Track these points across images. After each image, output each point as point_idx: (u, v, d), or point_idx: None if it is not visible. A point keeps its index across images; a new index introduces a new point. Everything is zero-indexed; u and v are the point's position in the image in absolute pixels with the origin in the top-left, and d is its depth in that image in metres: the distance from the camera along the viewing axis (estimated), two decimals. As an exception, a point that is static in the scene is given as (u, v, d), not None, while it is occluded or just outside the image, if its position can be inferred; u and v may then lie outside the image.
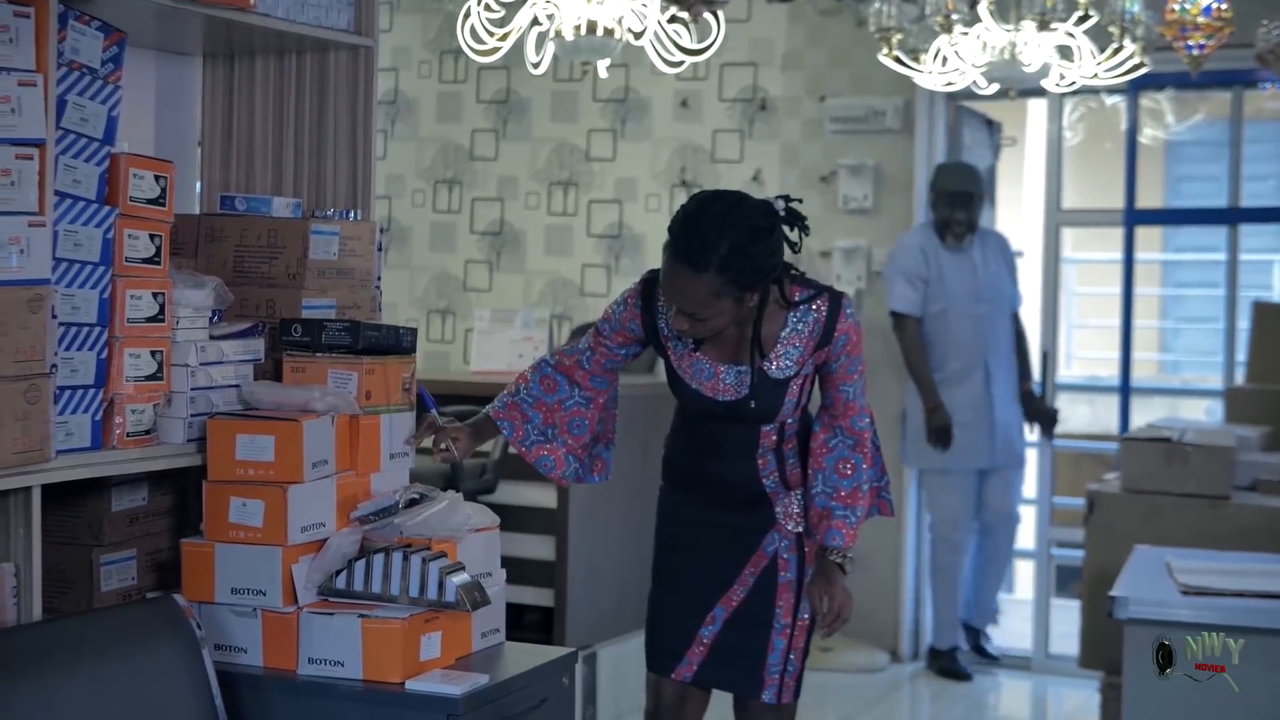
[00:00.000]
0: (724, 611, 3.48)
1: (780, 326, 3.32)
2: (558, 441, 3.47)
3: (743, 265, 3.16)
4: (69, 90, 2.84)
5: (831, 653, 6.56)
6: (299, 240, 3.24)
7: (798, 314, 3.32)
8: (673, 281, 3.20)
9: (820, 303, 3.32)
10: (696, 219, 3.19)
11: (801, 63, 7.14)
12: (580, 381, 3.48)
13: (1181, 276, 13.18)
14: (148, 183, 2.99)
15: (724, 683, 3.53)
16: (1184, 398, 10.85)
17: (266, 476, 2.97)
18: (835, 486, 3.40)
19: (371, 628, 2.92)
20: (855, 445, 3.41)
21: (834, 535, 3.39)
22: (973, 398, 6.60)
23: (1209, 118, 9.74)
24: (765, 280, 3.23)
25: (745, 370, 3.34)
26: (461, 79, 7.80)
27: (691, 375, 3.39)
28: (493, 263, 7.78)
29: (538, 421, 3.46)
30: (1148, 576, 3.62)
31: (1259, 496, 4.79)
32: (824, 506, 3.40)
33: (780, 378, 3.34)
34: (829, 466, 3.40)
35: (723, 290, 3.16)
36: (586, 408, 3.49)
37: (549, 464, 3.47)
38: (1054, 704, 6.59)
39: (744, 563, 3.47)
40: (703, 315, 3.20)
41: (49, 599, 2.99)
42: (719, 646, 3.48)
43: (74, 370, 2.86)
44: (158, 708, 2.77)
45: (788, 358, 3.33)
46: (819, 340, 3.32)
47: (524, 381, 3.49)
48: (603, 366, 3.48)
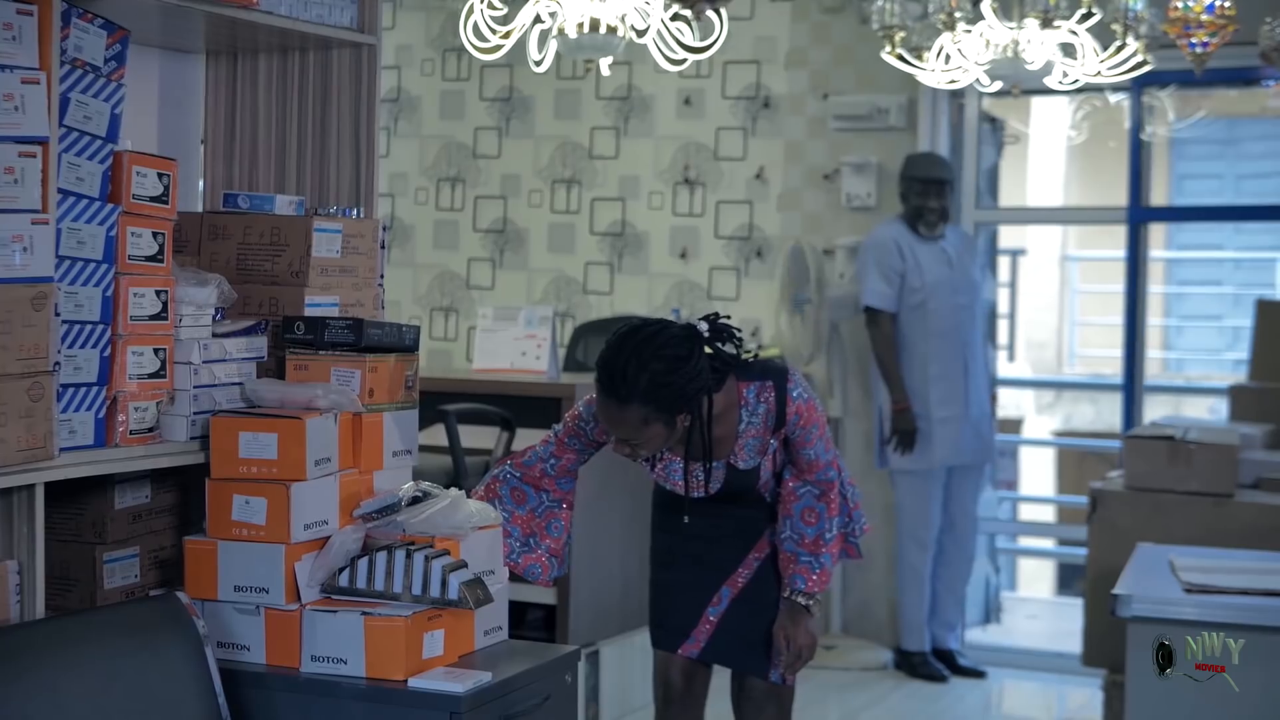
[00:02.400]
0: (730, 591, 3.62)
1: (736, 423, 3.49)
2: (541, 548, 3.59)
3: (663, 394, 3.32)
4: (72, 88, 2.85)
5: (834, 650, 6.56)
6: (302, 238, 3.24)
7: (749, 407, 3.48)
8: (604, 413, 3.39)
9: (767, 392, 3.48)
10: (615, 354, 3.35)
11: (805, 60, 7.14)
12: (548, 488, 3.62)
13: (1185, 274, 13.18)
14: (151, 180, 2.99)
15: (731, 660, 3.66)
16: (1187, 395, 10.85)
17: (269, 474, 2.97)
18: (800, 534, 3.57)
19: (374, 625, 2.92)
20: (820, 495, 3.57)
21: (798, 580, 3.56)
22: (953, 392, 6.48)
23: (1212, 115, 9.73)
24: (691, 402, 3.37)
25: (717, 466, 3.53)
26: (464, 77, 7.80)
27: (665, 478, 3.58)
28: (496, 260, 7.78)
29: (518, 534, 3.56)
30: (1151, 574, 3.62)
31: (1263, 494, 4.79)
32: (791, 551, 3.58)
33: (747, 467, 3.53)
34: (796, 514, 3.57)
35: (650, 417, 3.33)
36: (559, 508, 3.63)
37: (536, 572, 3.58)
38: (1058, 701, 6.59)
39: (748, 549, 3.63)
40: (636, 440, 3.37)
41: (52, 597, 2.99)
42: (725, 625, 3.62)
43: (77, 368, 2.86)
44: (161, 705, 2.78)
45: (750, 450, 3.52)
46: (774, 426, 3.49)
47: (495, 496, 3.57)
48: (568, 470, 3.62)
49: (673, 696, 3.68)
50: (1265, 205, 10.10)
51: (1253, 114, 11.22)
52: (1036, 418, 11.37)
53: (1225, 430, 5.11)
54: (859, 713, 6.01)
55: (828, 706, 6.07)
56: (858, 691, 6.27)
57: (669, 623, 3.67)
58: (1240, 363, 8.32)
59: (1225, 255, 12.62)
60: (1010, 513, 8.89)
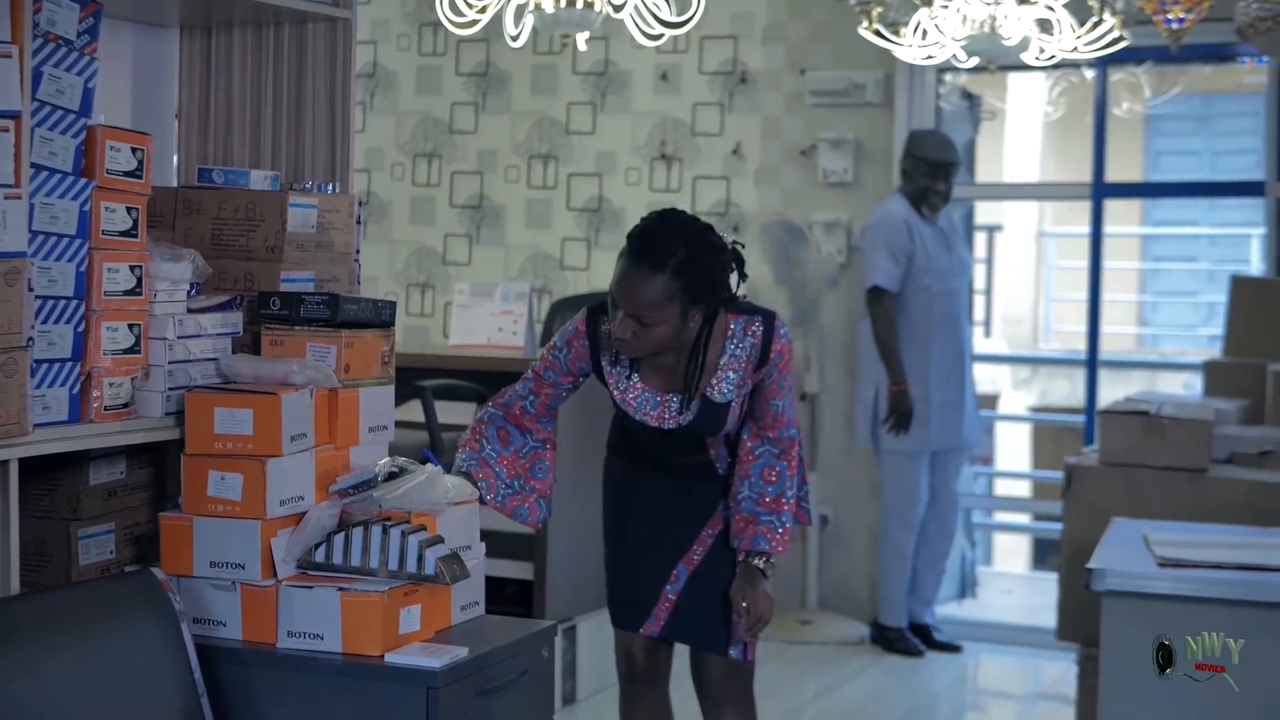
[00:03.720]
0: (686, 569, 3.58)
1: (719, 353, 3.44)
2: (528, 489, 3.54)
3: (696, 273, 3.30)
4: (44, 62, 2.83)
5: (811, 625, 6.59)
6: (277, 213, 3.23)
7: (735, 339, 3.43)
8: (628, 283, 3.32)
9: (755, 326, 3.43)
10: (659, 224, 3.38)
11: (782, 36, 7.13)
12: (530, 427, 3.56)
13: (1160, 250, 13.22)
14: (125, 155, 2.98)
15: (690, 637, 3.62)
16: (1163, 371, 10.89)
17: (245, 450, 2.96)
18: (760, 493, 3.51)
19: (351, 601, 2.92)
20: (781, 454, 3.52)
21: (760, 540, 3.50)
22: (953, 376, 6.52)
23: (1188, 91, 9.75)
24: (712, 297, 3.36)
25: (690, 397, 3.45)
26: (441, 52, 7.77)
27: (636, 407, 3.50)
28: (472, 236, 7.77)
29: (504, 476, 3.51)
30: (1125, 549, 3.63)
31: (1236, 469, 4.81)
32: (750, 512, 3.51)
33: (722, 401, 3.45)
34: (755, 473, 3.51)
35: (675, 295, 3.29)
36: (543, 449, 3.57)
37: (524, 514, 3.53)
38: (1033, 675, 6.62)
39: (701, 525, 3.58)
40: (649, 320, 3.31)
41: (27, 573, 2.98)
42: (685, 603, 3.57)
43: (51, 343, 2.85)
44: (136, 681, 2.77)
45: (728, 382, 3.44)
46: (756, 362, 3.44)
47: (481, 437, 3.52)
48: (548, 408, 3.57)
49: (636, 675, 3.67)
50: (1233, 181, 10.13)
51: (1229, 90, 11.24)
52: (1012, 393, 11.40)
53: (1200, 405, 5.12)
54: (836, 687, 6.04)
55: (804, 681, 6.09)
56: (834, 666, 6.29)
57: (629, 601, 3.63)
58: (1215, 338, 8.34)
59: (1200, 231, 12.66)
60: (986, 488, 8.91)
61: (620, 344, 3.38)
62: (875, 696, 6.05)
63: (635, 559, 3.62)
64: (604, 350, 3.49)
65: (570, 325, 3.54)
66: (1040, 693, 6.43)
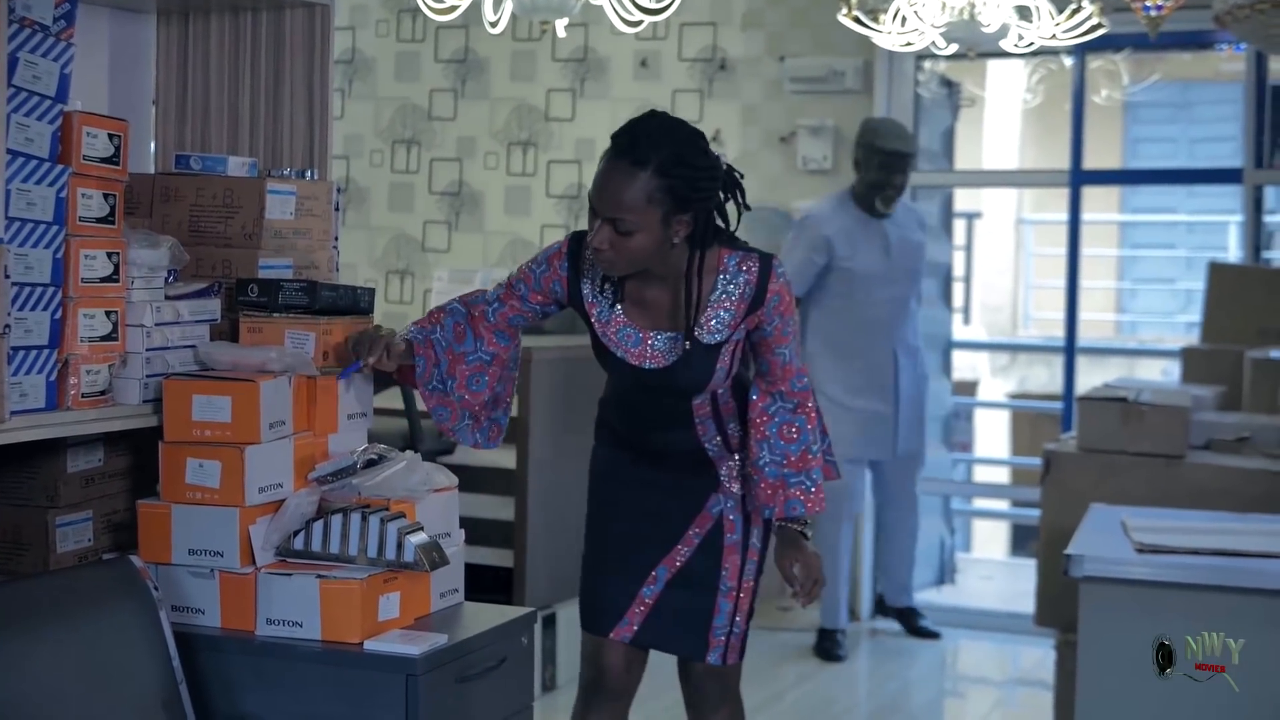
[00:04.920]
0: (667, 571, 3.38)
1: (710, 290, 3.19)
2: (454, 395, 3.32)
3: (681, 173, 3.06)
4: (20, 47, 2.81)
5: (791, 612, 6.60)
6: (255, 200, 3.21)
7: (727, 275, 3.19)
8: (608, 180, 3.08)
9: (750, 263, 3.19)
10: (645, 121, 3.13)
11: (761, 22, 7.13)
12: (483, 335, 3.32)
13: (1138, 237, 13.27)
14: (101, 141, 2.96)
15: (667, 644, 3.43)
16: (1140, 358, 10.93)
17: (223, 437, 2.95)
18: (784, 453, 3.28)
19: (330, 588, 2.92)
20: (796, 408, 3.29)
21: (794, 505, 3.29)
22: (882, 386, 6.24)
23: (1166, 79, 9.77)
24: (696, 204, 3.10)
25: (676, 336, 3.22)
26: (419, 38, 7.75)
27: (617, 343, 3.27)
28: (451, 223, 7.76)
29: (444, 369, 3.31)
30: (1103, 535, 3.64)
31: (1213, 455, 4.83)
32: (776, 477, 3.28)
33: (711, 342, 3.20)
34: (773, 434, 3.28)
35: (655, 196, 3.04)
36: (489, 364, 3.33)
37: (444, 416, 3.32)
38: (1011, 661, 6.64)
39: (689, 522, 3.39)
40: (627, 227, 3.06)
41: (4, 561, 2.98)
42: (661, 607, 3.38)
43: (27, 331, 2.83)
44: (115, 669, 2.77)
45: (718, 321, 3.20)
46: (750, 302, 3.19)
47: (438, 323, 3.32)
48: (509, 322, 3.34)
49: (602, 685, 3.44)
50: (1211, 168, 10.16)
51: (1207, 78, 11.27)
52: (991, 380, 11.44)
53: (1177, 392, 5.14)
54: (814, 674, 6.05)
55: (784, 668, 6.10)
56: (814, 654, 6.30)
57: (600, 604, 3.41)
58: (1193, 325, 8.38)
59: (1179, 218, 12.71)
60: (965, 474, 8.94)
61: (597, 255, 3.13)
62: (854, 683, 6.07)
63: (613, 557, 3.41)
64: (585, 277, 3.27)
65: (554, 244, 3.35)
66: (1019, 678, 6.46)
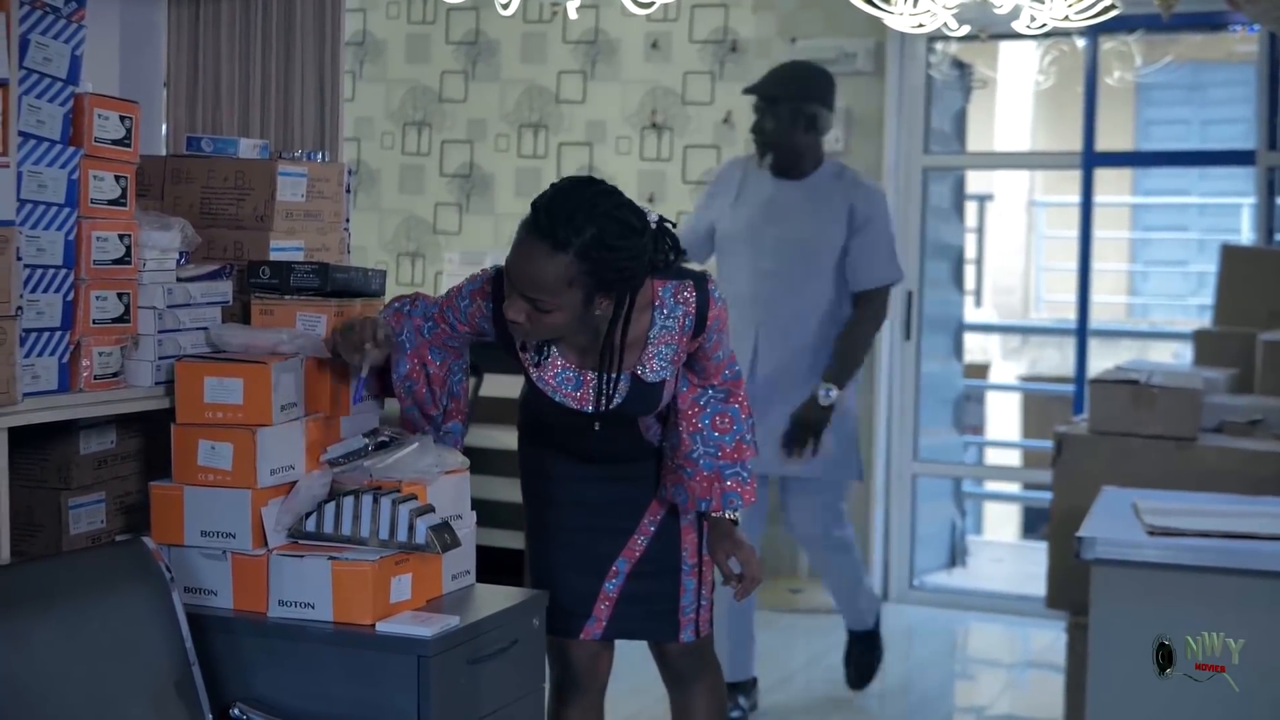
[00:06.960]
0: (627, 563, 3.31)
1: (647, 326, 3.05)
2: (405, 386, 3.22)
3: (603, 257, 2.87)
4: (32, 29, 2.81)
5: (801, 594, 6.60)
6: (266, 182, 3.22)
7: (665, 309, 3.05)
8: (525, 260, 2.90)
9: (686, 292, 3.05)
10: (565, 197, 2.91)
11: (772, 4, 7.10)
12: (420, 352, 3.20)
13: (1151, 219, 13.23)
14: (113, 123, 2.97)
15: (638, 633, 3.37)
16: (1152, 340, 10.91)
17: (235, 419, 2.96)
18: (718, 445, 3.19)
19: (342, 570, 2.93)
20: (728, 396, 3.21)
21: (732, 498, 3.20)
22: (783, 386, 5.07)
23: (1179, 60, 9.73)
24: (619, 286, 2.94)
25: (621, 378, 3.08)
26: (430, 20, 7.74)
27: (555, 387, 3.11)
28: (462, 205, 7.75)
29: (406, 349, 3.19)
30: (1114, 518, 3.64)
31: (1225, 438, 4.82)
32: (711, 469, 3.19)
33: (655, 380, 3.10)
34: (705, 425, 3.18)
35: (575, 280, 2.87)
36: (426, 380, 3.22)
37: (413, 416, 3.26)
38: (1022, 644, 6.64)
39: (642, 512, 3.31)
40: (545, 306, 2.90)
41: (17, 542, 2.98)
42: (627, 598, 3.31)
43: (40, 313, 2.84)
44: (128, 650, 2.77)
45: (661, 359, 3.08)
46: (692, 332, 3.08)
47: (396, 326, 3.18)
48: (444, 343, 3.20)
49: (576, 684, 3.38)
50: (1223, 150, 10.13)
51: (1219, 59, 11.22)
52: (1002, 363, 11.42)
53: (1189, 375, 5.13)
54: (825, 654, 6.05)
55: (794, 649, 6.11)
56: (824, 635, 6.30)
57: (565, 605, 3.30)
58: (1205, 308, 8.35)
59: (1191, 200, 12.66)
60: (976, 457, 8.94)
61: (512, 326, 2.98)
62: (865, 665, 6.07)
63: (567, 555, 3.31)
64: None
65: (480, 277, 3.15)
66: (1030, 661, 6.45)
